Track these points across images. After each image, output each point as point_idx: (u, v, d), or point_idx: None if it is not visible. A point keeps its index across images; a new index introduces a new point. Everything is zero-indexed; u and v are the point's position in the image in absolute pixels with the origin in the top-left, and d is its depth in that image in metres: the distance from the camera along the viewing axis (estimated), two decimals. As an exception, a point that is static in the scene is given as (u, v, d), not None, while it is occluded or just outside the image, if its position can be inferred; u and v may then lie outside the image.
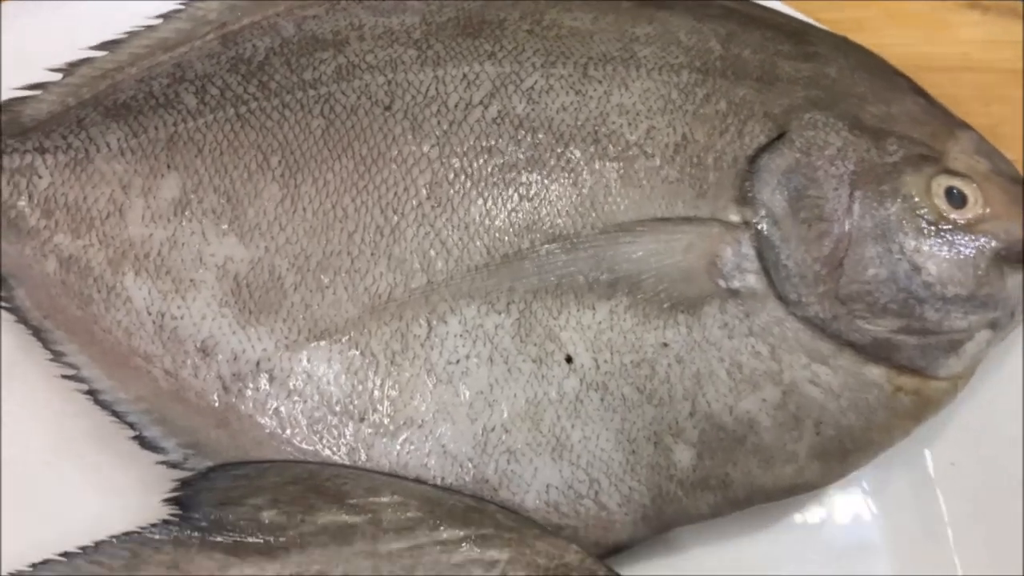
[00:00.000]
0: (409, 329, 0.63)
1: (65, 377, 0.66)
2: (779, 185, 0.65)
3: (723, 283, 0.64)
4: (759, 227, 0.64)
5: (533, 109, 0.66)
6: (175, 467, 0.64)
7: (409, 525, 0.60)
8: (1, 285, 0.67)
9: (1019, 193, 0.67)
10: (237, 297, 0.64)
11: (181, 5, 0.71)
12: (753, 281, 0.64)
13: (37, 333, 0.66)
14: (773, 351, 0.64)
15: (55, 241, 0.66)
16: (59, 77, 0.70)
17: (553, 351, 0.63)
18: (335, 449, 0.64)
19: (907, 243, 0.64)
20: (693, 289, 0.64)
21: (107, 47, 0.70)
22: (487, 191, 0.64)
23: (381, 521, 0.60)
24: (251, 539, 0.60)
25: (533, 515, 0.63)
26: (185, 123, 0.67)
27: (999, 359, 0.70)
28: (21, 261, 0.66)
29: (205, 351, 0.64)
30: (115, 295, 0.65)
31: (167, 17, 0.70)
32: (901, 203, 0.65)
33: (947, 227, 0.65)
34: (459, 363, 0.63)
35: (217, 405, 0.64)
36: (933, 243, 0.64)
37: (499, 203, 0.64)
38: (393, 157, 0.65)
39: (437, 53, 0.67)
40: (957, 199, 0.65)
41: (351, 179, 0.65)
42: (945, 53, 0.83)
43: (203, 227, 0.65)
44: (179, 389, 0.64)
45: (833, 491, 0.70)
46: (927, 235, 0.65)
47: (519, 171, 0.65)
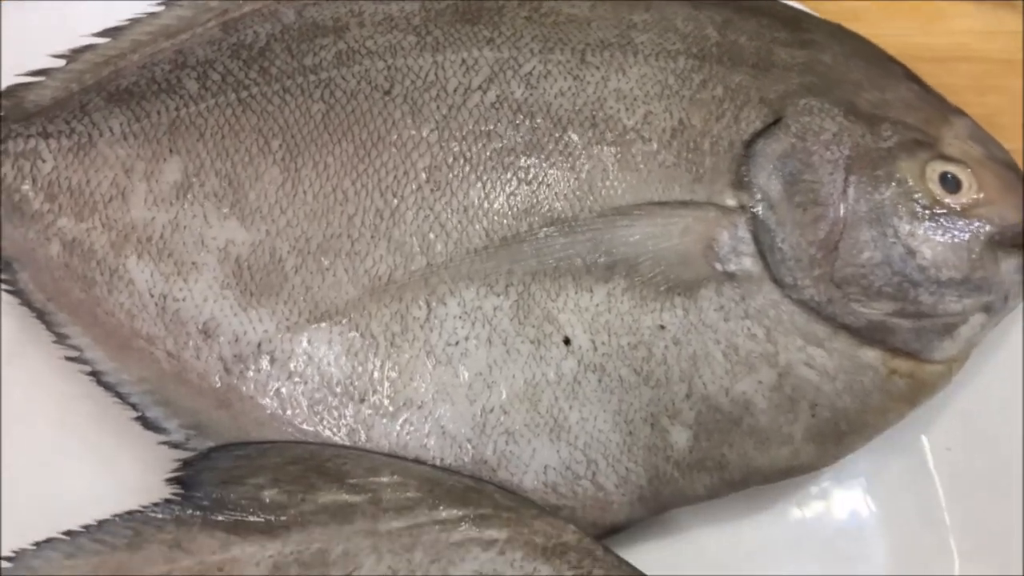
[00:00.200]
0: (409, 311, 0.64)
1: (68, 359, 0.66)
2: (775, 170, 0.65)
3: (719, 266, 0.64)
4: (755, 211, 0.64)
5: (531, 94, 0.66)
6: (177, 447, 0.64)
7: (409, 505, 0.60)
8: (4, 268, 0.67)
9: (1013, 178, 0.67)
10: (238, 279, 0.65)
11: (182, -7, 0.71)
12: (749, 264, 0.64)
13: (41, 316, 0.67)
14: (769, 333, 0.64)
15: (58, 224, 0.66)
16: (62, 63, 0.70)
17: (551, 333, 0.64)
18: (335, 430, 0.64)
19: (902, 227, 0.65)
20: (690, 272, 0.64)
21: (109, 34, 0.70)
22: (486, 175, 0.65)
23: (381, 501, 0.60)
24: (252, 518, 0.60)
25: (531, 495, 0.63)
26: (187, 108, 0.67)
27: (994, 344, 0.71)
28: (25, 245, 0.67)
29: (207, 333, 0.65)
30: (118, 278, 0.66)
31: (169, 4, 0.70)
32: (896, 188, 0.65)
33: (941, 212, 0.65)
34: (458, 345, 0.64)
35: (219, 386, 0.64)
36: (928, 227, 0.65)
37: (498, 187, 0.65)
38: (393, 141, 0.65)
39: (436, 39, 0.67)
40: (951, 184, 0.66)
41: (351, 163, 0.65)
42: (940, 43, 0.83)
43: (205, 210, 0.65)
44: (181, 370, 0.65)
45: (830, 475, 0.70)
46: (922, 219, 0.65)
47: (517, 155, 0.65)
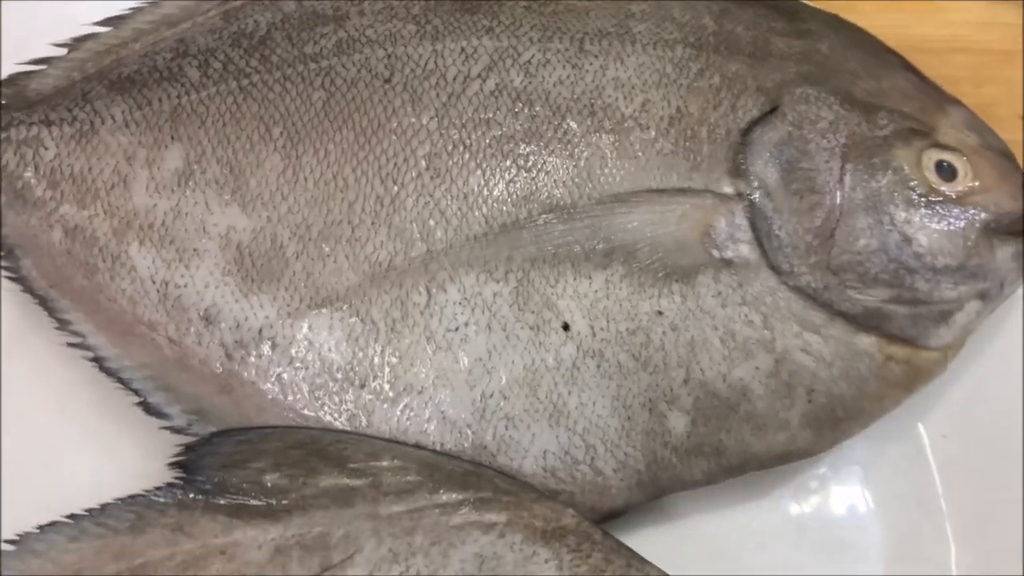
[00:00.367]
0: (409, 297, 0.64)
1: (71, 345, 0.66)
2: (771, 157, 0.65)
3: (717, 253, 0.64)
4: (752, 198, 0.65)
5: (530, 82, 0.66)
6: (179, 433, 0.64)
7: (409, 488, 0.61)
8: (7, 255, 0.68)
9: (1008, 167, 0.68)
10: (240, 266, 0.65)
11: (185, -18, 0.72)
12: (746, 251, 0.65)
13: (43, 302, 0.67)
14: (766, 320, 0.64)
15: (61, 211, 0.67)
16: (64, 52, 0.70)
17: (550, 319, 0.64)
18: (336, 415, 0.64)
19: (898, 215, 0.65)
20: (687, 259, 0.64)
21: (111, 23, 0.70)
22: (485, 162, 0.65)
23: (381, 484, 0.61)
24: (254, 501, 0.60)
25: (530, 480, 0.64)
26: (188, 96, 0.67)
27: (990, 332, 0.71)
28: (27, 231, 0.67)
29: (208, 319, 0.65)
30: (120, 264, 0.66)
31: (170, -7, 0.71)
32: (892, 176, 0.65)
33: (937, 199, 0.65)
34: (458, 330, 0.64)
35: (220, 372, 0.65)
36: (923, 215, 0.65)
37: (497, 174, 0.65)
38: (393, 129, 0.66)
39: (436, 28, 0.68)
40: (947, 172, 0.66)
41: (352, 150, 0.66)
42: (937, 35, 0.83)
43: (206, 197, 0.66)
44: (183, 356, 0.65)
45: (828, 462, 0.71)
46: (917, 207, 0.65)
47: (517, 143, 0.65)
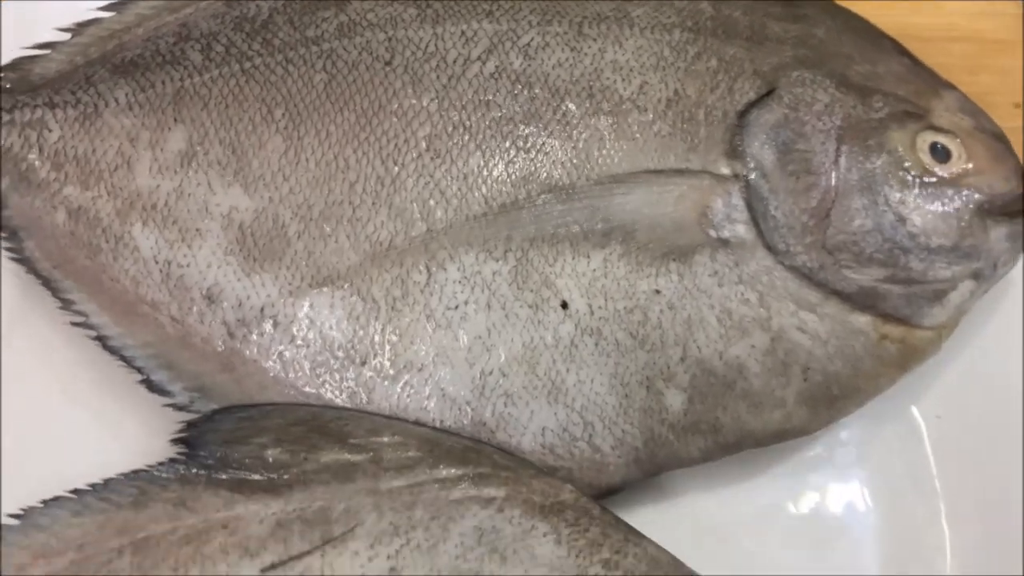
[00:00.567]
0: (409, 276, 0.65)
1: (74, 324, 0.67)
2: (768, 139, 0.66)
3: (713, 233, 0.65)
4: (748, 179, 0.66)
5: (529, 65, 0.67)
6: (181, 410, 0.65)
7: (409, 464, 0.61)
8: (10, 237, 0.68)
9: (1001, 149, 0.68)
10: (242, 245, 0.66)
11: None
12: (742, 231, 0.65)
13: (47, 283, 0.68)
14: (762, 299, 0.65)
15: (64, 193, 0.67)
16: (67, 37, 0.71)
17: (549, 297, 0.65)
18: (337, 393, 0.65)
19: (892, 195, 0.66)
20: (684, 238, 0.65)
21: (114, 8, 0.71)
22: (485, 143, 0.66)
23: (382, 460, 0.61)
24: (255, 476, 0.61)
25: (529, 457, 0.64)
26: (191, 78, 0.68)
27: (984, 313, 0.72)
28: (31, 213, 0.68)
29: (210, 298, 0.66)
30: (123, 245, 0.67)
31: (173, -22, 0.72)
32: (887, 157, 0.66)
33: (931, 180, 0.66)
34: (458, 309, 0.65)
35: (222, 350, 0.65)
36: (918, 196, 0.66)
37: (497, 155, 0.66)
38: (394, 110, 0.66)
39: (436, 11, 0.68)
40: (941, 154, 0.67)
41: (353, 131, 0.66)
42: (932, 23, 0.83)
43: (209, 178, 0.66)
44: (185, 335, 0.66)
45: (823, 442, 0.72)
46: (912, 188, 0.66)
47: (516, 124, 0.66)
